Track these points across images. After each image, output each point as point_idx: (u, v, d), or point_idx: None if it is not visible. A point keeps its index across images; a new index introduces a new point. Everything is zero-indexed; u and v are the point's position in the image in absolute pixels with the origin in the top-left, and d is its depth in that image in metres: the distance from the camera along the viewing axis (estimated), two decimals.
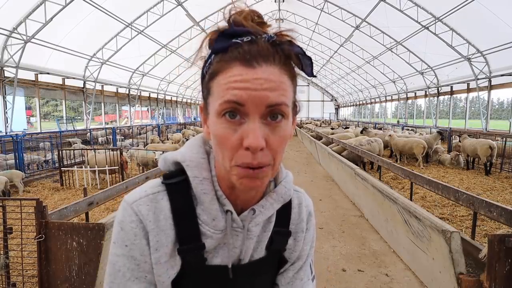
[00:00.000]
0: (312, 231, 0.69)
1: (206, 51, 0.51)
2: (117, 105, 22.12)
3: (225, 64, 0.47)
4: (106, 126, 18.98)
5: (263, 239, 0.61)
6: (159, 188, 0.56)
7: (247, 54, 0.45)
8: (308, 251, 0.69)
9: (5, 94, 11.96)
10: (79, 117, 20.03)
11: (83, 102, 17.75)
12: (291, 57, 0.48)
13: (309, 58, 0.50)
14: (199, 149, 0.58)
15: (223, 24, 0.50)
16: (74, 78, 16.30)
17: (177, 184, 0.56)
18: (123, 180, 7.01)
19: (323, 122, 31.22)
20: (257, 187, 0.49)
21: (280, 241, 0.63)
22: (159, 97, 26.53)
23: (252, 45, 0.46)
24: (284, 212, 0.63)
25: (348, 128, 18.21)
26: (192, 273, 0.56)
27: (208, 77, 0.50)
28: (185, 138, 12.04)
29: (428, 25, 14.38)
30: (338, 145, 10.03)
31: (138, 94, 22.84)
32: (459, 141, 10.28)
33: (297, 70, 0.51)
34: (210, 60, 0.50)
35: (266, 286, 0.65)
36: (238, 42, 0.46)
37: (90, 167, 7.37)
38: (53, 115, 31.33)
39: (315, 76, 0.53)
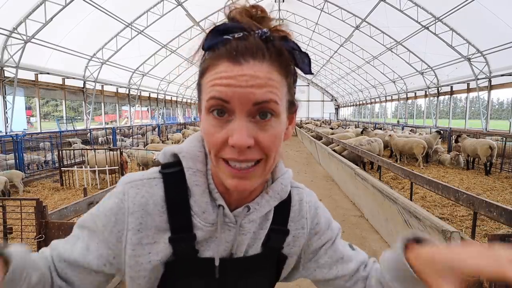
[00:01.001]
0: (324, 221, 0.68)
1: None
2: (117, 105, 22.12)
3: (213, 61, 0.47)
4: (106, 126, 18.98)
5: (259, 236, 0.60)
6: (156, 175, 0.57)
7: (234, 51, 0.45)
8: (330, 237, 0.68)
9: (5, 94, 11.96)
10: (79, 117, 20.04)
11: (83, 102, 17.75)
12: (282, 54, 0.47)
13: (306, 55, 0.49)
14: (197, 143, 0.59)
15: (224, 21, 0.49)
16: (74, 78, 16.29)
17: (173, 174, 0.57)
18: None
19: (323, 122, 31.21)
20: (246, 188, 0.49)
21: (277, 239, 0.62)
22: (159, 97, 26.53)
23: (242, 41, 0.45)
24: (283, 210, 0.63)
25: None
26: (184, 265, 0.56)
27: (199, 75, 0.50)
28: (185, 138, 12.04)
29: (428, 25, 14.38)
30: (338, 145, 10.04)
31: (138, 94, 22.84)
32: (455, 141, 10.27)
33: (291, 69, 0.50)
34: (203, 58, 0.50)
35: (262, 283, 0.64)
36: (228, 39, 0.46)
37: (90, 167, 7.37)
38: (53, 115, 31.34)
39: (312, 73, 0.52)
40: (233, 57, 0.45)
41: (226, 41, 0.46)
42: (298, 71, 0.52)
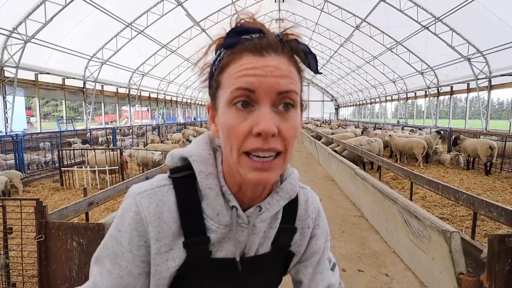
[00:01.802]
0: (323, 226, 0.71)
1: (211, 56, 0.53)
2: (117, 105, 22.11)
3: (234, 55, 0.48)
4: (106, 126, 18.97)
5: (269, 235, 0.62)
6: (166, 182, 0.57)
7: (258, 45, 0.47)
8: (323, 245, 0.70)
9: (5, 94, 11.96)
10: (79, 117, 20.01)
11: (83, 102, 17.74)
12: (298, 53, 0.50)
13: (314, 56, 0.52)
14: (205, 146, 0.60)
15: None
16: (74, 78, 16.29)
17: (183, 178, 0.57)
18: (123, 180, 7.01)
19: (323, 122, 31.22)
20: (267, 181, 0.49)
21: (286, 237, 0.65)
22: (159, 97, 26.53)
23: (262, 39, 0.48)
24: (291, 209, 0.65)
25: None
26: (197, 267, 0.57)
27: (217, 71, 0.51)
28: (185, 138, 12.02)
29: (428, 25, 14.38)
30: (338, 145, 10.04)
31: (138, 94, 22.83)
32: (453, 144, 10.28)
33: (303, 67, 0.52)
34: (219, 57, 0.51)
35: (273, 280, 0.67)
36: (247, 38, 0.48)
37: (90, 167, 7.37)
38: (53, 115, 31.32)
39: (320, 73, 0.54)
40: (257, 50, 0.47)
41: (246, 40, 0.48)
42: (306, 69, 0.54)
